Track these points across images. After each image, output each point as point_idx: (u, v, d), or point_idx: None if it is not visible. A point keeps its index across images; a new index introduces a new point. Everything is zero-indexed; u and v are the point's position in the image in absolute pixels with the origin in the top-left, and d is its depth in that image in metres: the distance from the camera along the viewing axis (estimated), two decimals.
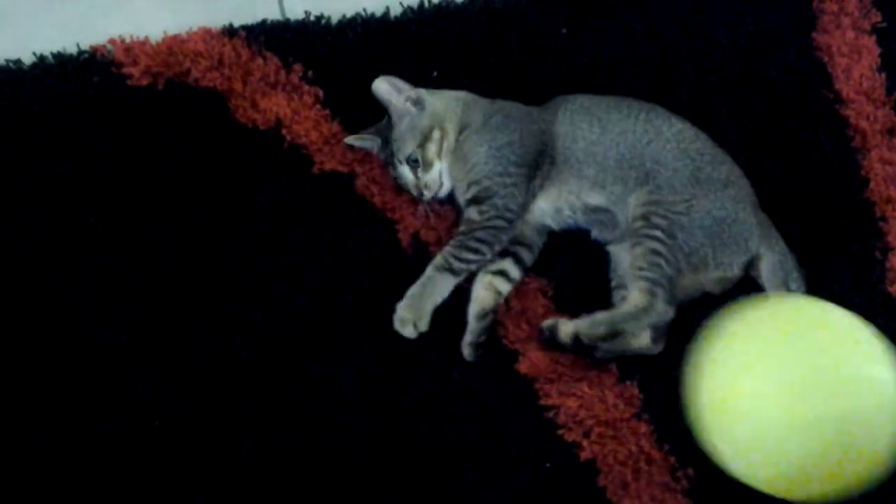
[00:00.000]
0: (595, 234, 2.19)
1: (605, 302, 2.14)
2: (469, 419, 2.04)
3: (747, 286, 2.13)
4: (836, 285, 2.17)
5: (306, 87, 2.29)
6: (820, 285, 2.15)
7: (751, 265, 2.14)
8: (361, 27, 2.37)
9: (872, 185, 2.28)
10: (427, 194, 2.17)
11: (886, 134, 2.32)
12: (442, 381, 2.07)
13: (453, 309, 2.12)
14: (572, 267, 2.18)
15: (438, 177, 2.18)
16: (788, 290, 2.11)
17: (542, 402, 2.06)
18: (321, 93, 2.29)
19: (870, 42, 2.42)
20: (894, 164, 2.30)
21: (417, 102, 2.19)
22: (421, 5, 2.41)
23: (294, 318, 2.10)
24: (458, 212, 2.21)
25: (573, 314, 2.13)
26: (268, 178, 2.21)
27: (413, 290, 2.10)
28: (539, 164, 2.16)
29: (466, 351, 2.09)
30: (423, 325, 2.08)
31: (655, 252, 2.08)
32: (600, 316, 2.07)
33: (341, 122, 2.26)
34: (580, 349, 2.06)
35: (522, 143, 2.17)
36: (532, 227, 2.18)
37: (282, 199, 2.20)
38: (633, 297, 2.07)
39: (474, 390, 2.06)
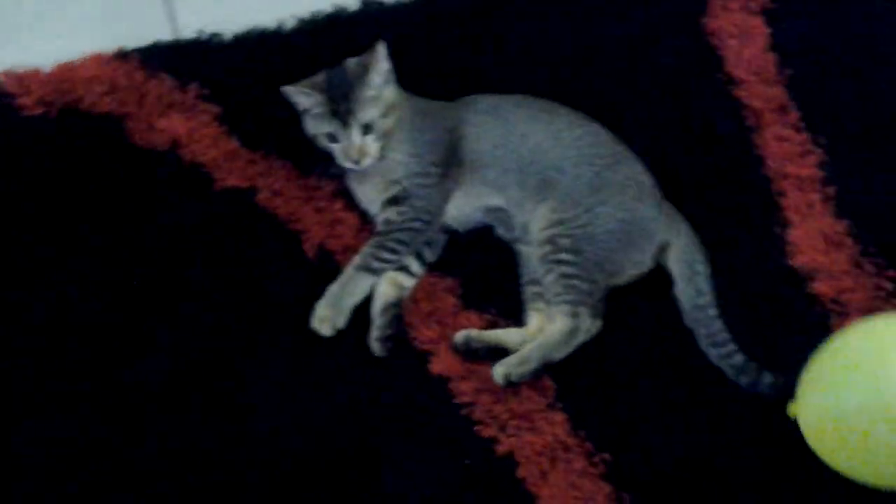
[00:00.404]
0: (497, 231, 2.21)
1: (515, 297, 2.17)
2: (386, 422, 2.06)
3: None
4: (739, 262, 2.21)
5: (202, 106, 2.30)
6: (724, 263, 2.19)
7: (659, 253, 2.17)
8: (255, 42, 2.38)
9: (769, 161, 2.31)
10: (365, 162, 2.14)
11: (779, 111, 2.36)
12: (356, 387, 2.08)
13: (366, 316, 2.14)
14: (479, 265, 2.20)
15: (380, 151, 2.16)
16: (694, 272, 2.14)
17: (457, 399, 2.08)
18: (218, 109, 2.29)
19: (759, 23, 2.46)
20: (789, 141, 2.33)
21: (391, 73, 2.18)
22: (313, 17, 2.42)
23: (203, 336, 2.11)
24: (361, 219, 2.22)
25: (482, 311, 2.15)
26: (169, 199, 2.22)
27: (332, 288, 2.12)
28: (450, 164, 2.18)
29: (375, 346, 2.11)
30: (341, 323, 2.11)
31: (567, 275, 2.11)
32: (528, 352, 2.09)
33: (239, 137, 2.28)
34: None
35: (437, 140, 2.19)
36: (440, 223, 2.20)
37: (184, 219, 2.20)
38: (557, 323, 2.10)
39: (389, 393, 2.08)
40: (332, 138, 2.15)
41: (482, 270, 2.20)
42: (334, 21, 2.42)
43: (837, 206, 2.27)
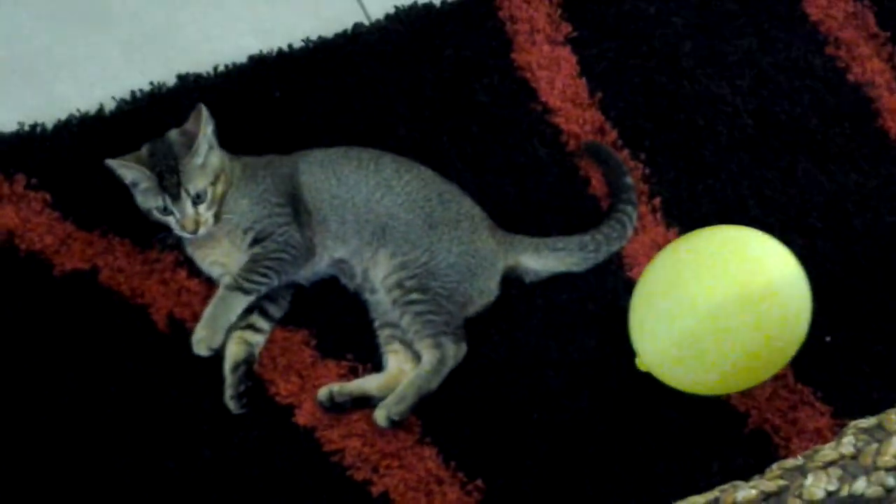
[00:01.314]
0: (342, 280, 2.25)
1: (370, 342, 2.20)
2: (257, 480, 2.06)
3: None
4: (580, 280, 2.27)
5: (32, 194, 2.29)
6: (565, 282, 2.26)
7: (518, 274, 2.25)
8: (77, 127, 2.38)
9: (593, 182, 2.39)
10: (201, 231, 2.17)
11: (598, 133, 2.45)
12: (223, 449, 2.08)
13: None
14: (329, 314, 2.23)
15: (208, 223, 2.19)
16: (559, 251, 2.26)
17: (326, 448, 2.10)
18: (48, 196, 2.29)
19: (565, 52, 2.55)
20: None
21: (211, 145, 2.20)
22: (133, 95, 2.43)
23: (62, 419, 2.09)
24: (206, 284, 2.23)
25: (339, 359, 2.18)
26: (9, 291, 2.19)
27: (208, 310, 2.16)
28: (297, 207, 2.21)
29: (231, 405, 2.12)
30: (216, 343, 2.14)
31: (421, 313, 2.15)
32: (403, 390, 2.12)
33: (74, 221, 2.27)
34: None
35: (276, 187, 2.22)
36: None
37: (26, 309, 2.18)
38: (424, 357, 2.14)
39: (257, 451, 2.08)
40: (165, 211, 2.16)
41: (333, 319, 2.22)
42: (154, 97, 2.43)
43: (665, 215, 2.36)
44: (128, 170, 2.16)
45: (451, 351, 2.13)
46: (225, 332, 2.15)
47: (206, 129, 2.17)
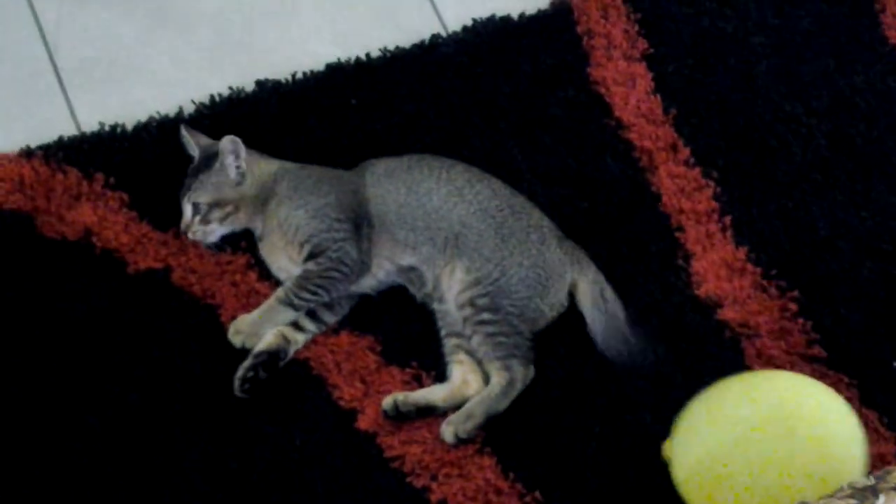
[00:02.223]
0: (410, 290, 2.26)
1: (435, 351, 2.21)
2: (317, 483, 2.08)
3: None
4: (646, 297, 2.28)
5: (110, 193, 2.33)
6: (633, 297, 2.26)
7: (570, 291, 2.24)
8: (156, 129, 2.42)
9: (664, 198, 2.39)
10: (191, 237, 2.25)
11: (670, 150, 2.45)
12: (285, 451, 2.10)
13: (291, 381, 2.18)
14: (395, 321, 2.25)
15: (209, 234, 2.26)
16: (605, 302, 2.22)
17: (387, 454, 2.11)
18: (126, 196, 2.33)
19: (641, 68, 2.56)
20: (682, 177, 2.42)
21: (241, 176, 2.26)
22: (212, 99, 2.47)
23: (130, 415, 2.13)
24: (275, 287, 2.25)
25: (404, 366, 2.20)
26: (84, 287, 2.24)
27: (255, 313, 2.20)
28: (360, 222, 2.23)
29: (236, 384, 2.15)
30: (251, 344, 2.18)
31: (492, 334, 2.17)
32: (472, 407, 2.13)
33: (150, 221, 2.31)
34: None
35: (339, 202, 2.25)
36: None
37: (101, 305, 2.22)
38: (494, 379, 2.15)
39: (318, 454, 2.11)
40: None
41: (399, 326, 2.24)
42: (233, 102, 2.47)
43: (735, 234, 2.35)
44: (187, 142, 2.30)
45: (519, 374, 2.15)
46: (264, 337, 2.19)
47: (228, 160, 2.26)
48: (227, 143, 2.25)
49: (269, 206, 2.27)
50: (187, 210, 2.26)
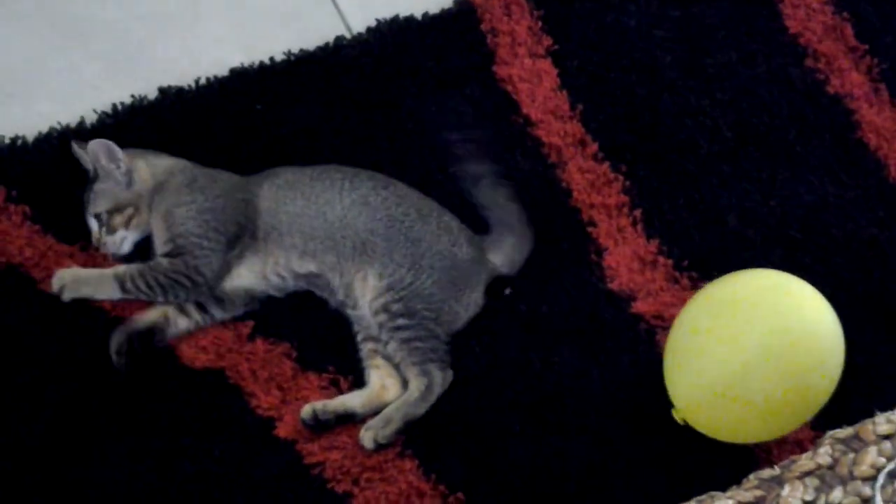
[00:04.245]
0: (319, 295, 2.25)
1: (352, 355, 2.20)
2: (239, 493, 2.06)
3: None
4: (561, 293, 2.28)
5: (13, 207, 2.29)
6: (547, 294, 2.27)
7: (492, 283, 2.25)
8: (58, 140, 2.38)
9: (575, 194, 2.40)
10: (103, 250, 2.23)
11: (579, 145, 2.46)
12: (203, 462, 2.08)
13: (208, 390, 2.15)
14: (310, 327, 2.23)
15: (120, 242, 2.23)
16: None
17: (307, 460, 2.09)
18: (28, 209, 2.29)
19: (546, 65, 2.56)
20: (591, 172, 2.43)
21: (128, 176, 2.23)
22: (115, 108, 2.43)
23: (44, 432, 2.09)
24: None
25: (320, 371, 2.18)
26: None
27: (87, 272, 2.21)
28: (239, 236, 2.21)
29: (113, 357, 2.14)
30: (68, 297, 2.18)
31: (408, 339, 2.16)
32: (390, 413, 2.12)
33: (54, 234, 2.27)
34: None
35: (225, 211, 2.22)
36: (230, 288, 2.22)
37: (7, 321, 2.19)
38: (412, 385, 2.14)
39: (238, 464, 2.08)
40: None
41: (314, 332, 2.22)
42: (136, 110, 2.43)
43: (646, 227, 2.37)
44: (80, 157, 2.28)
45: (438, 378, 2.14)
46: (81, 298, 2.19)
47: (103, 162, 2.23)
48: (94, 146, 2.22)
49: (159, 203, 2.24)
50: (93, 224, 2.23)
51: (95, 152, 2.22)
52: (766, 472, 1.59)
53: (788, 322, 2.00)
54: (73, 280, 2.19)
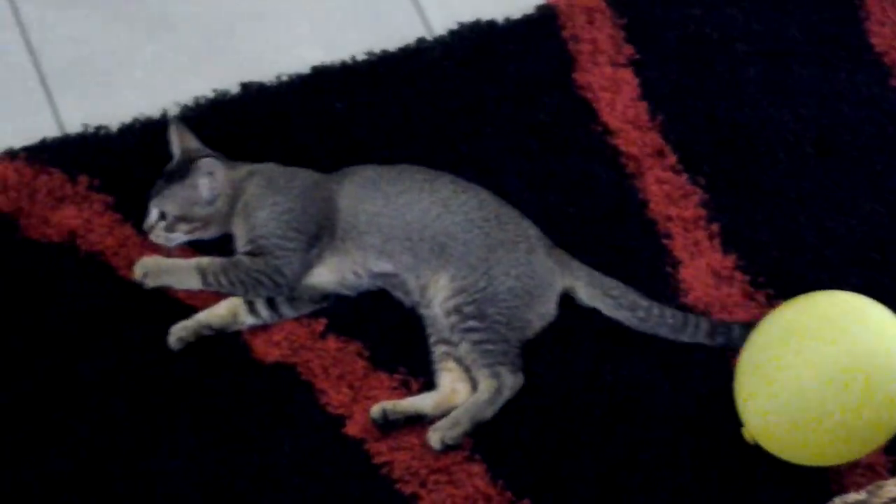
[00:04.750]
0: (394, 295, 2.25)
1: (423, 356, 2.20)
2: (306, 489, 2.06)
3: None
4: None
5: (95, 196, 2.31)
6: None
7: (570, 298, 2.23)
8: (141, 131, 2.40)
9: (652, 205, 2.39)
10: (151, 237, 2.25)
11: (657, 156, 2.45)
12: (273, 456, 2.09)
13: (279, 385, 2.16)
14: (384, 326, 2.23)
15: (172, 240, 2.26)
16: (614, 297, 2.22)
17: (375, 460, 2.10)
18: (110, 198, 2.31)
19: (627, 74, 2.55)
20: (669, 183, 2.41)
21: (214, 197, 2.25)
22: (196, 102, 2.45)
23: (116, 420, 2.11)
24: None
25: (392, 372, 2.18)
26: (69, 290, 2.22)
27: (169, 261, 2.23)
28: (319, 234, 2.22)
29: (171, 339, 2.16)
30: (149, 283, 2.22)
31: (479, 342, 2.16)
32: (458, 415, 2.12)
33: (134, 224, 2.29)
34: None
35: (305, 210, 2.23)
36: (305, 286, 2.23)
37: (85, 308, 2.21)
38: (481, 386, 2.14)
39: (306, 460, 2.09)
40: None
41: (387, 332, 2.23)
42: (217, 105, 2.45)
43: (723, 242, 2.35)
44: (172, 141, 2.30)
45: (508, 381, 2.14)
46: (162, 286, 2.22)
47: (203, 180, 2.24)
48: (205, 166, 2.23)
49: (237, 206, 2.26)
50: (153, 213, 2.25)
51: (201, 171, 2.23)
52: (852, 497, 1.57)
53: (866, 347, 1.98)
54: (156, 268, 2.22)
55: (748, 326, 2.14)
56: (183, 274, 2.22)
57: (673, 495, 2.08)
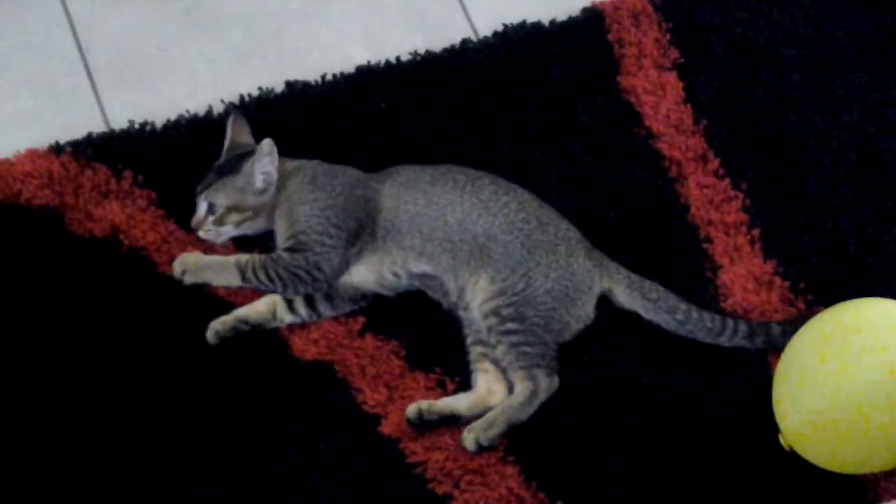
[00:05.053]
0: (431, 296, 2.26)
1: (460, 357, 2.21)
2: (340, 487, 2.08)
3: None
4: None
5: (138, 192, 2.34)
6: None
7: (608, 300, 2.23)
8: (186, 128, 2.43)
9: (693, 209, 2.38)
10: (201, 235, 2.26)
11: (700, 160, 2.44)
12: (308, 453, 2.10)
13: (316, 383, 2.17)
14: (421, 326, 2.24)
15: (221, 235, 2.27)
16: (653, 300, 2.22)
17: (409, 459, 2.11)
18: (154, 195, 2.33)
19: (672, 78, 2.55)
20: (711, 188, 2.41)
21: (268, 184, 2.26)
22: (242, 99, 2.47)
23: (154, 414, 2.13)
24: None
25: (428, 372, 2.19)
26: (110, 285, 2.25)
27: (208, 258, 2.25)
28: (359, 232, 2.23)
29: (209, 333, 2.18)
30: (189, 281, 2.23)
31: (516, 344, 2.16)
32: (494, 416, 2.13)
33: (177, 220, 2.31)
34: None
35: (346, 208, 2.24)
36: (344, 285, 2.24)
37: (127, 303, 2.23)
38: (517, 388, 2.14)
39: (341, 458, 2.10)
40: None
41: (424, 332, 2.24)
42: (262, 102, 2.47)
43: (764, 247, 2.34)
44: (227, 132, 2.32)
45: (543, 384, 2.14)
46: (202, 285, 2.24)
47: (260, 166, 2.25)
48: (267, 145, 2.24)
49: (280, 199, 2.27)
50: (202, 207, 2.26)
51: (264, 150, 2.25)
52: None
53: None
54: (195, 265, 2.23)
55: (787, 325, 2.13)
56: (222, 270, 2.24)
57: (708, 501, 2.08)
